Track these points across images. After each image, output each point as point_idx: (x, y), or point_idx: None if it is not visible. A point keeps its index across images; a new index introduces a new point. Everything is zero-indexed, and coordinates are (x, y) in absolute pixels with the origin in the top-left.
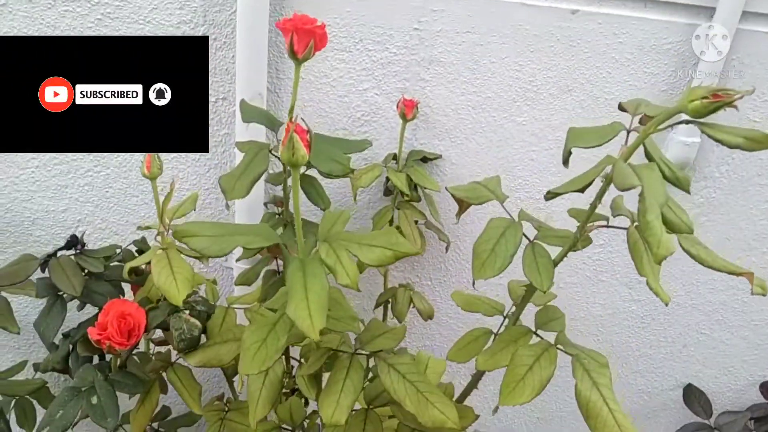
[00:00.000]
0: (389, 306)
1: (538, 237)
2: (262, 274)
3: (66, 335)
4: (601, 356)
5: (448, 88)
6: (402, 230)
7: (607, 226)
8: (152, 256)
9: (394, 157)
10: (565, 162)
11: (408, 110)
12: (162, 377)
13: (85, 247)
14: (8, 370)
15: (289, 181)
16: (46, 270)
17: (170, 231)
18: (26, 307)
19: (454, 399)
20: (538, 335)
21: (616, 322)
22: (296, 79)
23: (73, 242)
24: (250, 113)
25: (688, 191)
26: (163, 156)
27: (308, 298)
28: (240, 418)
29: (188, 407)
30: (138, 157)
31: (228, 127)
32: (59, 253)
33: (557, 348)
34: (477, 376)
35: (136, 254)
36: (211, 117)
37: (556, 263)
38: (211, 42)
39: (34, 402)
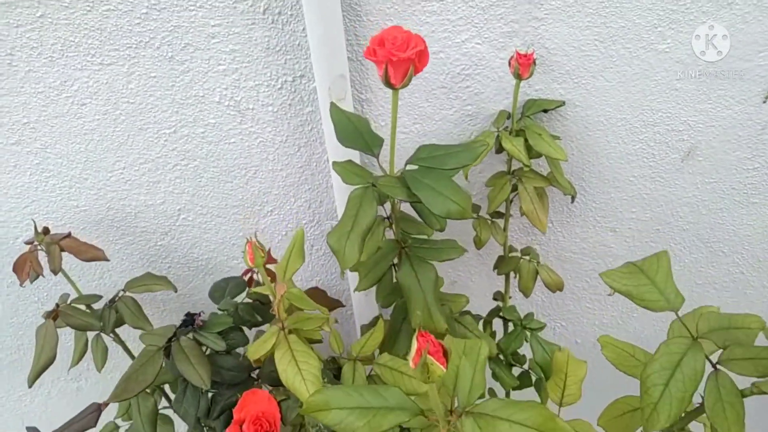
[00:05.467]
0: (512, 276)
1: (723, 361)
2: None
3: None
4: None
5: (568, 23)
6: (524, 207)
7: None
8: (271, 341)
9: (509, 116)
10: None
11: (524, 69)
12: None
13: (203, 318)
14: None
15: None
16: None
17: (285, 295)
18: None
19: None
20: None
21: (766, 239)
22: (395, 107)
23: (190, 321)
24: (345, 133)
25: None
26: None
27: None
28: None
29: None
30: (222, 147)
31: (311, 105)
32: (179, 332)
33: None
34: None
35: (253, 300)
36: (291, 97)
37: (745, 396)
38: (276, 17)
39: None
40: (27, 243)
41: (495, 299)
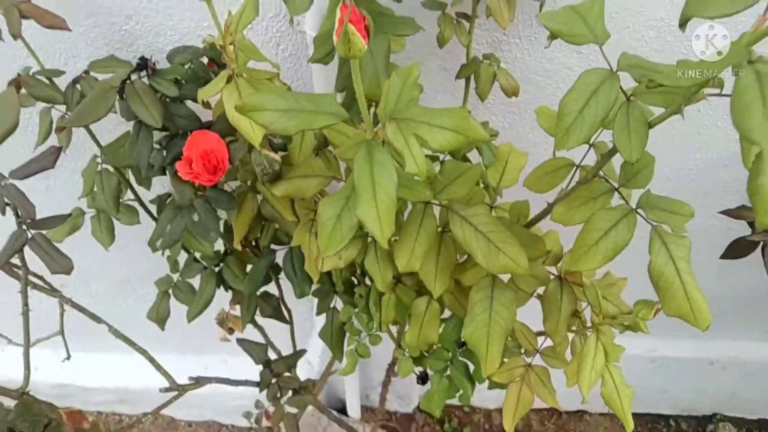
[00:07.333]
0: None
1: (637, 93)
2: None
3: (158, 145)
4: (685, 206)
5: None
6: (489, 2)
7: (721, 95)
8: (221, 83)
9: None
10: (682, 26)
11: None
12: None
13: (156, 66)
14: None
15: None
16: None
17: (235, 47)
18: None
19: (528, 220)
20: (620, 194)
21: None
22: None
23: (143, 65)
24: None
25: None
26: None
27: (376, 196)
28: None
29: (282, 216)
30: None
31: None
32: (133, 77)
33: (637, 213)
34: (548, 210)
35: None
36: None
37: (652, 125)
38: None
39: None
40: None
41: None
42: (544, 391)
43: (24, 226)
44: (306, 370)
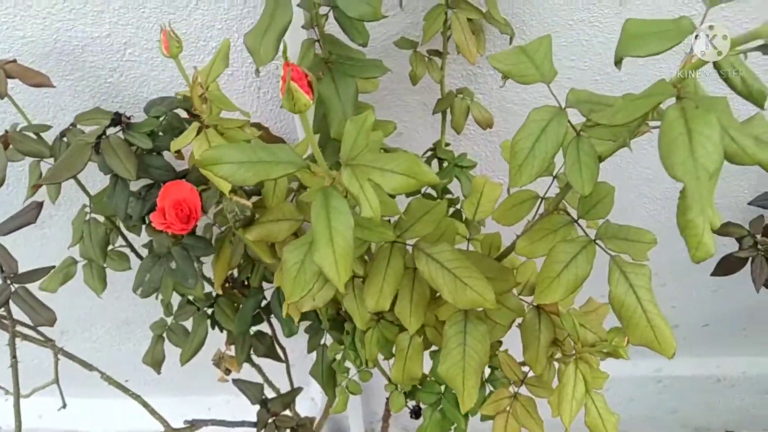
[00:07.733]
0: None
1: (586, 128)
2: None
3: (137, 195)
4: (646, 234)
5: None
6: (455, 37)
7: None
8: (192, 134)
9: None
10: (617, 64)
11: None
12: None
13: (131, 120)
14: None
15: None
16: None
17: (206, 96)
18: None
19: (499, 252)
20: (580, 226)
21: None
22: None
23: (117, 120)
24: None
25: (762, 107)
26: None
27: (333, 242)
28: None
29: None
30: None
31: None
32: (109, 131)
33: (596, 244)
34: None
35: (184, 113)
36: None
37: (602, 158)
38: None
39: None
40: None
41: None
42: (531, 421)
43: (8, 281)
44: (309, 406)
